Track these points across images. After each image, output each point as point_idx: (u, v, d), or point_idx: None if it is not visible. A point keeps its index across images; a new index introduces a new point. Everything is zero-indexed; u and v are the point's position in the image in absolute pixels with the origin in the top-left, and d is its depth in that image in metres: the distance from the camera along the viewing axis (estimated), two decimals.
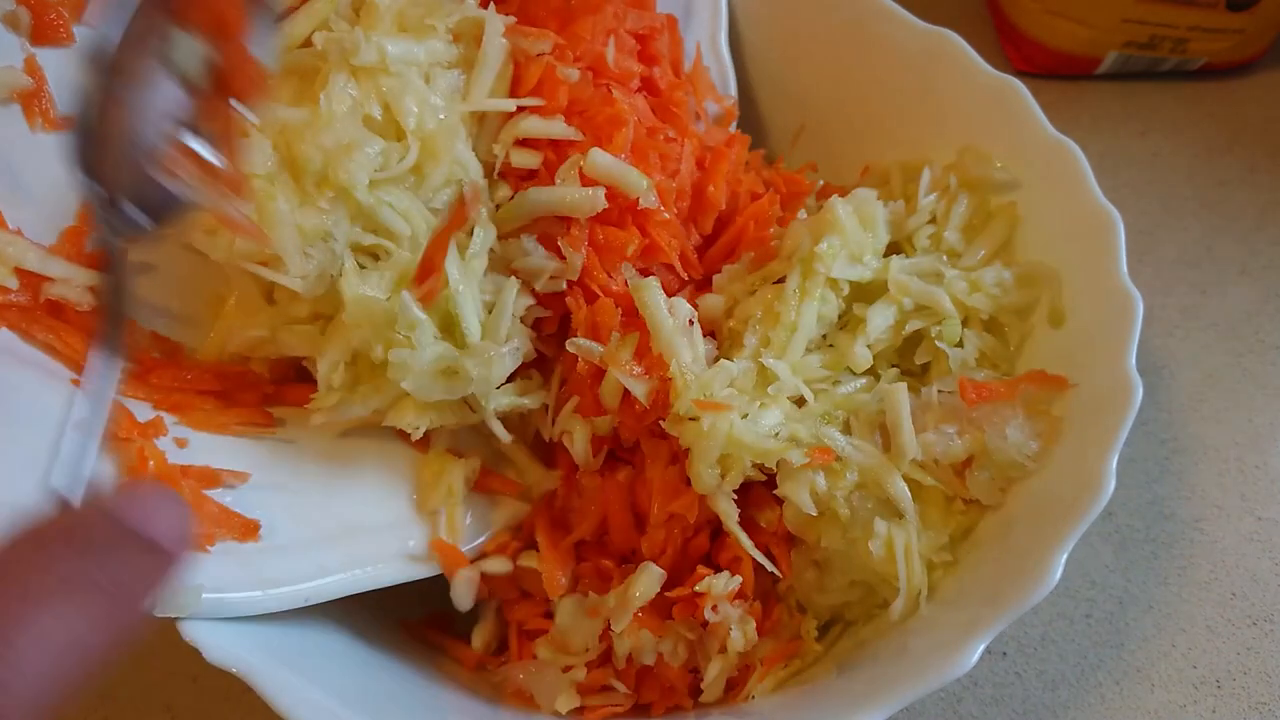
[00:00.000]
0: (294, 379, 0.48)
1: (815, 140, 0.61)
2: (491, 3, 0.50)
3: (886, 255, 0.50)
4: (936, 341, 0.49)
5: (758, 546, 0.46)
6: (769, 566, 0.46)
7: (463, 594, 0.46)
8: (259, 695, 0.38)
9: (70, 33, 0.45)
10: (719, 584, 0.45)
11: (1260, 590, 0.52)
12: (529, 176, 0.48)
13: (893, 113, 0.57)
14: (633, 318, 0.46)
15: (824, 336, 0.49)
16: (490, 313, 0.45)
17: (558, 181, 0.47)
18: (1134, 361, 0.44)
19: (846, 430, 0.46)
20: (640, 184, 0.47)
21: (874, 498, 0.45)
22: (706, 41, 0.59)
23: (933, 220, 0.53)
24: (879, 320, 0.48)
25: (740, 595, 0.46)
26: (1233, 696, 0.49)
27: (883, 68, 0.56)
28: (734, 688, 0.47)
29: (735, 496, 0.45)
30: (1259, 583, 0.52)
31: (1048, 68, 0.70)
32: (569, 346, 0.46)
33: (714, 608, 0.45)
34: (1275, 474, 0.55)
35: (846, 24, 0.57)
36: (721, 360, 0.46)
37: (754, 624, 0.46)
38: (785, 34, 0.60)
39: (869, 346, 0.48)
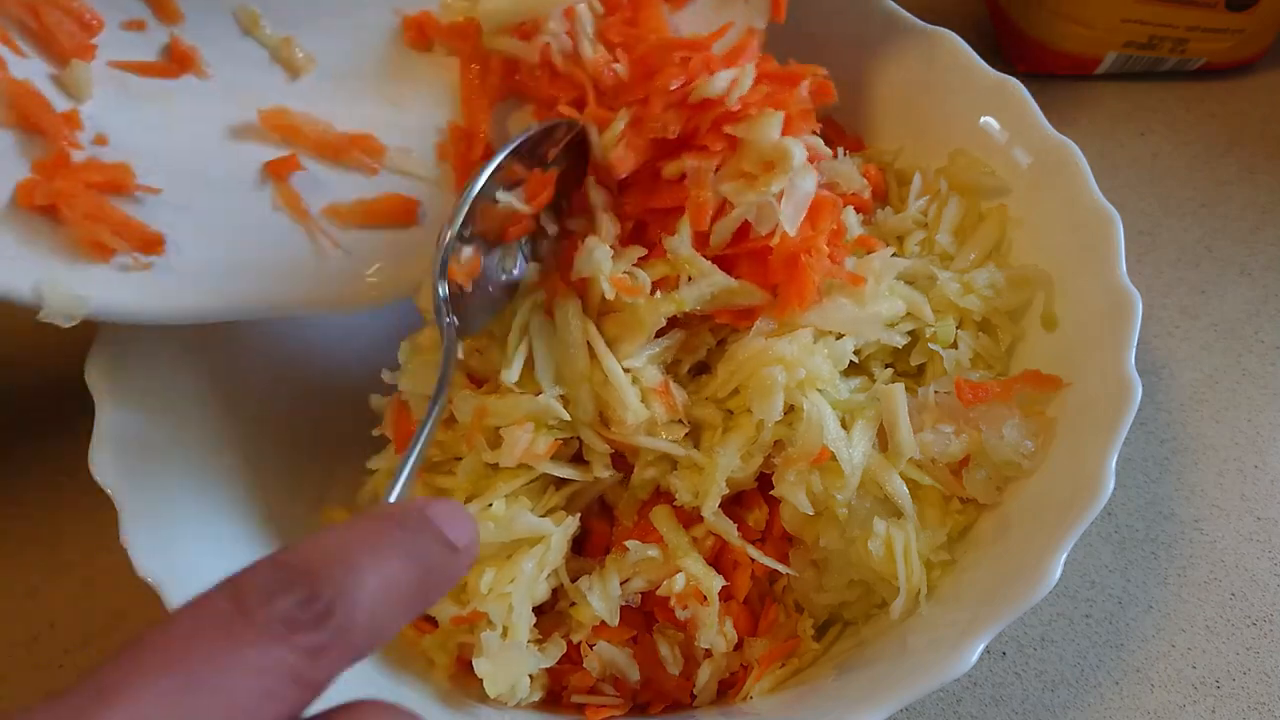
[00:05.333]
0: None
1: None
2: None
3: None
4: (930, 344, 0.49)
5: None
6: (782, 569, 0.46)
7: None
8: None
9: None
10: (677, 583, 0.45)
11: (1260, 590, 0.52)
12: None
13: (893, 113, 0.57)
14: None
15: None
16: None
17: None
18: (1133, 361, 0.44)
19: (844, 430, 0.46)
20: None
21: (872, 497, 0.45)
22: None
23: (924, 224, 0.53)
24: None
25: (728, 597, 0.46)
26: (1232, 696, 0.49)
27: (882, 68, 0.56)
28: (733, 688, 0.47)
29: (727, 491, 0.45)
30: (1258, 583, 0.52)
31: (1048, 68, 0.70)
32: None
33: (684, 606, 0.45)
34: (1275, 474, 0.55)
35: (847, 24, 0.57)
36: None
37: (731, 622, 0.46)
38: (786, 34, 0.60)
39: (858, 351, 0.48)
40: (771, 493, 0.46)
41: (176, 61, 0.47)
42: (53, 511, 0.56)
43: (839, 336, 0.47)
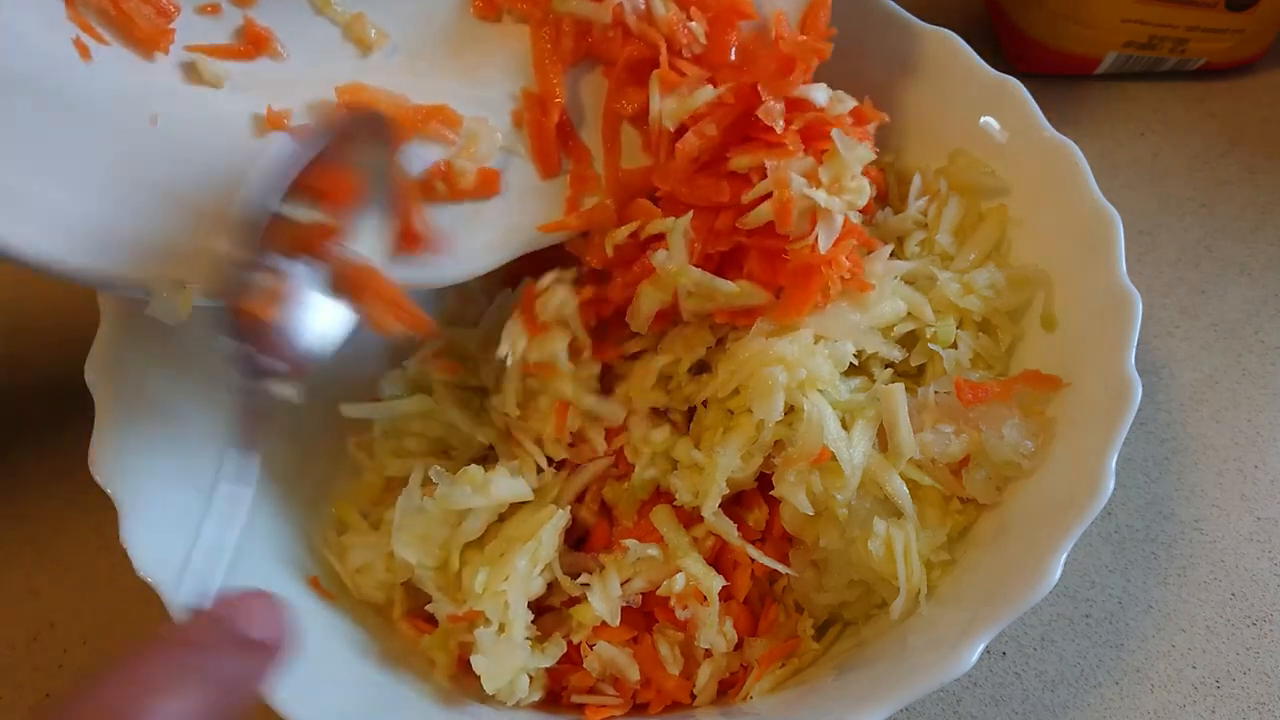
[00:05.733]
0: None
1: None
2: None
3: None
4: (929, 344, 0.49)
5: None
6: (782, 569, 0.46)
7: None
8: (261, 698, 0.38)
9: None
10: (677, 583, 0.45)
11: (1260, 590, 0.52)
12: None
13: (893, 113, 0.57)
14: None
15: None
16: None
17: None
18: (1133, 361, 0.44)
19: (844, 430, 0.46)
20: None
21: (872, 497, 0.45)
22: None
23: (924, 224, 0.53)
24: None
25: (728, 597, 0.46)
26: (1232, 697, 0.49)
27: (882, 68, 0.56)
28: (733, 688, 0.47)
29: (727, 491, 0.46)
30: (1258, 583, 0.52)
31: (1048, 68, 0.70)
32: None
33: (684, 606, 0.45)
34: (1275, 474, 0.55)
35: (847, 24, 0.57)
36: None
37: (731, 622, 0.46)
38: None
39: (858, 353, 0.48)
40: (771, 493, 0.46)
41: (251, 43, 0.47)
42: (53, 512, 0.56)
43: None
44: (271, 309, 0.40)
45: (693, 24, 0.47)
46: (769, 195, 0.46)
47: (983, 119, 0.53)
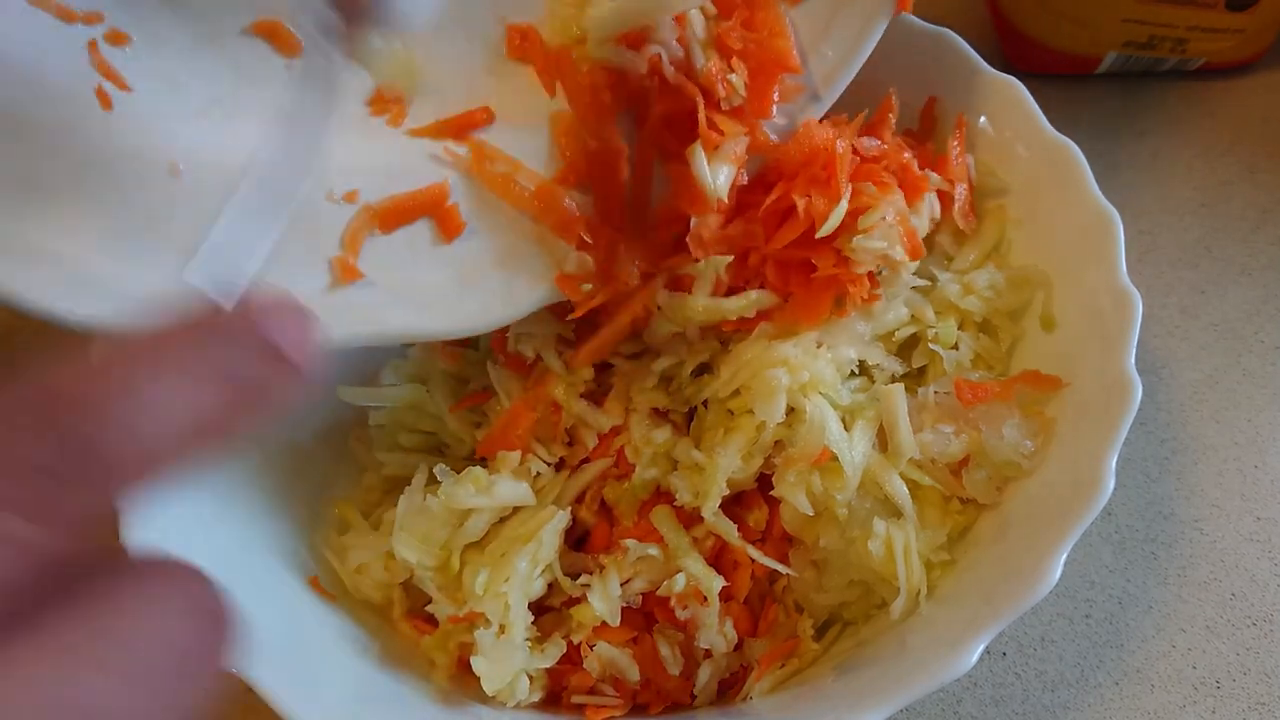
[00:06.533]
0: None
1: None
2: None
3: None
4: (930, 344, 0.49)
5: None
6: (782, 569, 0.46)
7: None
8: (262, 698, 0.38)
9: None
10: (677, 584, 0.45)
11: (1260, 591, 0.52)
12: None
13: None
14: None
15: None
16: None
17: None
18: (1134, 361, 0.44)
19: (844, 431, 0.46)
20: None
21: (872, 497, 0.45)
22: None
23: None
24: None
25: (728, 597, 0.46)
26: (1232, 697, 0.49)
27: (882, 67, 0.56)
28: (733, 688, 0.47)
29: (727, 491, 0.45)
30: (1259, 583, 0.52)
31: (1048, 68, 0.69)
32: None
33: (684, 606, 0.45)
34: (1275, 474, 0.55)
35: None
36: None
37: (731, 622, 0.46)
38: None
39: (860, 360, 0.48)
40: (771, 493, 0.46)
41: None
42: None
43: None
44: None
45: (733, 76, 0.45)
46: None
47: (983, 119, 0.53)
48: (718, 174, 0.45)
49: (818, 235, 0.45)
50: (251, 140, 0.43)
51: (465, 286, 0.45)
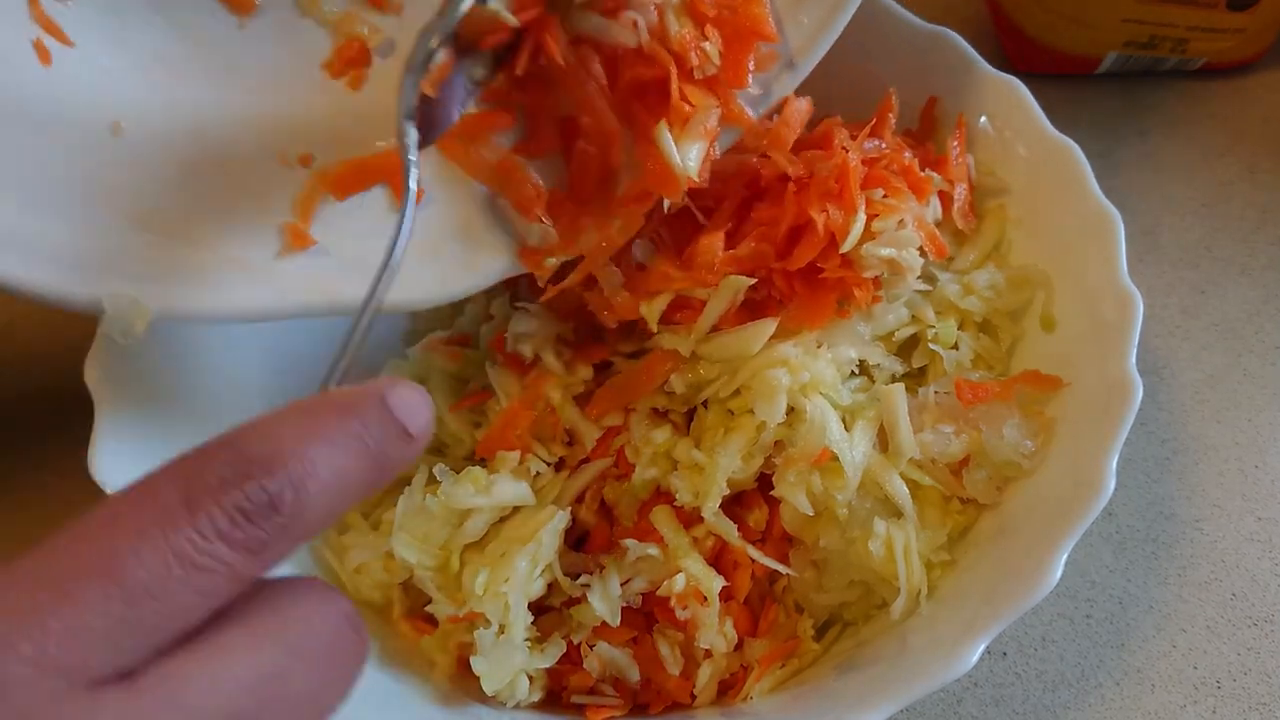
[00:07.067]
0: None
1: None
2: None
3: None
4: (931, 344, 0.49)
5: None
6: (782, 569, 0.46)
7: None
8: None
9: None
10: (677, 584, 0.45)
11: (1260, 591, 0.52)
12: None
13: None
14: None
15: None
16: None
17: None
18: (1134, 361, 0.44)
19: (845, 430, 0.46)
20: None
21: (872, 497, 0.45)
22: None
23: None
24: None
25: (728, 597, 0.46)
26: (1233, 697, 0.49)
27: (882, 67, 0.56)
28: (733, 688, 0.47)
29: (727, 491, 0.45)
30: (1259, 583, 0.52)
31: (1048, 68, 0.69)
32: None
33: (684, 606, 0.45)
34: (1276, 474, 0.55)
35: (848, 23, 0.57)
36: None
37: (731, 622, 0.46)
38: None
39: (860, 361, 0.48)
40: (772, 493, 0.46)
41: None
42: (53, 513, 0.56)
43: None
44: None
45: (707, 44, 0.44)
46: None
47: (983, 119, 0.53)
48: (687, 153, 0.43)
49: (842, 250, 0.45)
50: (200, 99, 0.43)
51: (423, 257, 0.43)
